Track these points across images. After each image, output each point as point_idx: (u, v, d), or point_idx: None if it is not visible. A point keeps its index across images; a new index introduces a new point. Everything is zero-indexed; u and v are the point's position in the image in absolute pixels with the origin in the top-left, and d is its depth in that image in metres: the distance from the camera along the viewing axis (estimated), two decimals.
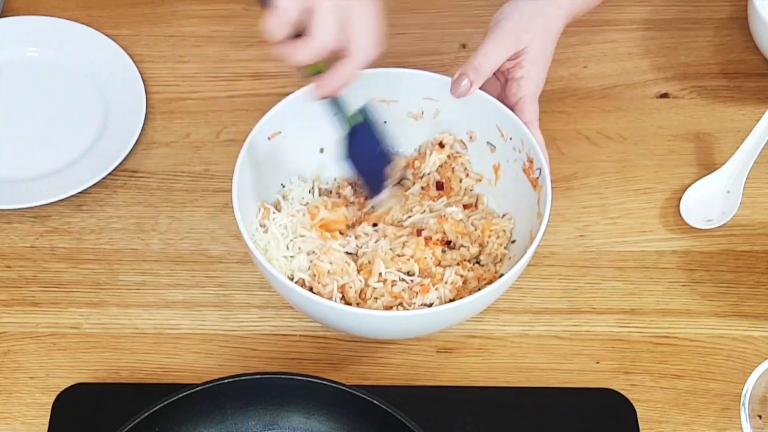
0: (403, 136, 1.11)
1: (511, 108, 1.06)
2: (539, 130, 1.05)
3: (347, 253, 1.04)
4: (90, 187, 1.13)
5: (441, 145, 1.10)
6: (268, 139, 1.05)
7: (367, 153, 1.04)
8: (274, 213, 1.05)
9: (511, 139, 1.06)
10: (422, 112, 1.10)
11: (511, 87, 1.06)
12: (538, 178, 1.03)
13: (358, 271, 1.03)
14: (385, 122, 1.07)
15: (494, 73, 1.06)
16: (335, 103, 1.01)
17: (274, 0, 0.93)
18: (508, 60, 1.05)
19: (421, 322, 0.97)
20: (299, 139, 1.08)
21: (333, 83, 0.98)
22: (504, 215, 1.08)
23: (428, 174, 1.10)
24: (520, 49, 1.05)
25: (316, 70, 0.98)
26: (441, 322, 1.00)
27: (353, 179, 1.10)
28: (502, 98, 1.08)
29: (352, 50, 0.96)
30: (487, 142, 1.09)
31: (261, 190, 1.06)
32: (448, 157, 1.10)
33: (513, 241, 1.06)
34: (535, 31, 1.05)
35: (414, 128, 1.11)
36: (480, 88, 1.05)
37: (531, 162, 1.04)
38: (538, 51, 1.06)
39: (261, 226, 1.04)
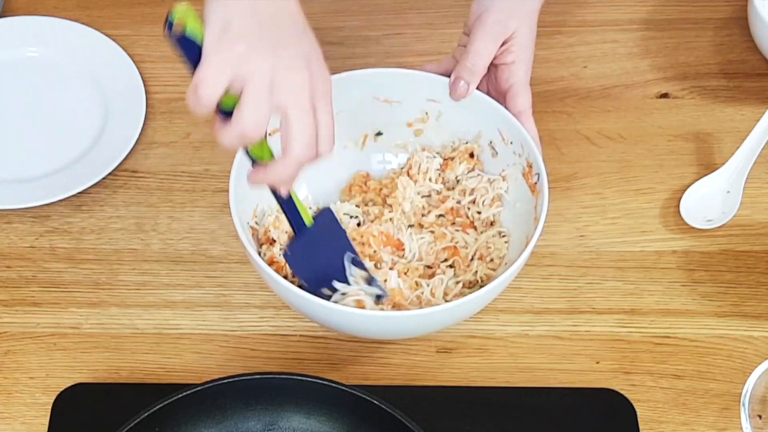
0: (406, 138, 1.12)
1: (503, 95, 1.06)
2: (532, 120, 1.05)
3: None
4: (90, 187, 1.13)
5: (471, 155, 1.09)
6: (269, 135, 1.05)
7: (313, 256, 1.01)
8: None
9: (511, 143, 1.06)
10: (427, 114, 1.10)
11: (503, 73, 1.06)
12: (536, 183, 1.03)
13: None
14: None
15: None
16: (279, 200, 0.97)
17: (198, 68, 0.84)
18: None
19: (420, 322, 0.97)
20: None
21: (264, 178, 0.92)
22: (503, 235, 1.07)
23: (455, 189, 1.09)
24: (508, 36, 1.05)
25: (255, 155, 0.92)
26: (440, 322, 1.00)
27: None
28: (492, 85, 1.08)
29: (284, 150, 0.88)
30: (490, 144, 1.09)
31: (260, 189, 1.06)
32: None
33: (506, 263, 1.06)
34: (520, 16, 1.05)
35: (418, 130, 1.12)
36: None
37: (530, 167, 1.04)
38: (526, 35, 1.06)
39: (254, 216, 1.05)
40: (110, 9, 1.29)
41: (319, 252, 1.01)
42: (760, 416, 0.97)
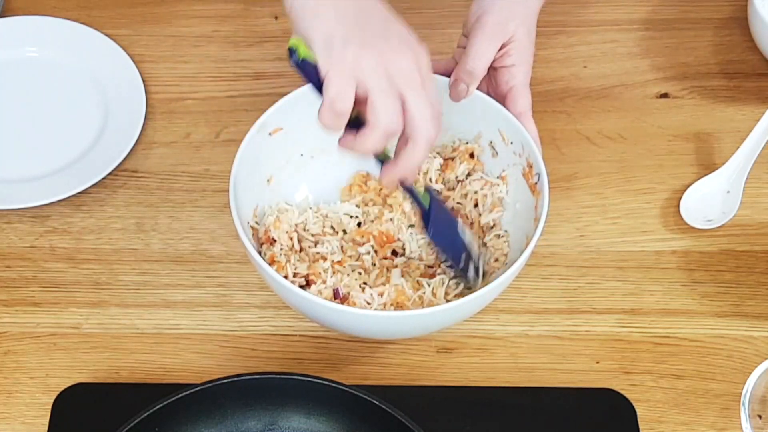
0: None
1: (503, 97, 1.06)
2: (533, 121, 1.05)
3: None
4: (90, 187, 1.13)
5: (471, 155, 1.09)
6: (269, 135, 1.05)
7: (445, 229, 1.03)
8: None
9: (512, 143, 1.06)
10: None
11: (503, 75, 1.06)
12: (536, 183, 1.02)
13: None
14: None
15: None
16: (406, 188, 0.99)
17: (325, 89, 0.89)
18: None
19: (420, 322, 0.97)
20: (301, 136, 1.08)
21: (399, 172, 0.94)
22: (501, 236, 1.07)
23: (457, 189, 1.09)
24: (507, 38, 1.05)
25: (383, 156, 0.95)
26: (441, 322, 1.00)
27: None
28: (492, 88, 1.08)
29: (412, 135, 0.91)
30: (491, 144, 1.09)
31: (260, 188, 1.06)
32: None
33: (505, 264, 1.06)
34: (519, 18, 1.05)
35: None
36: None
37: (530, 167, 1.04)
38: (525, 37, 1.06)
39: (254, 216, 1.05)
40: (110, 9, 1.29)
41: (446, 225, 1.03)
42: (760, 416, 0.97)
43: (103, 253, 1.11)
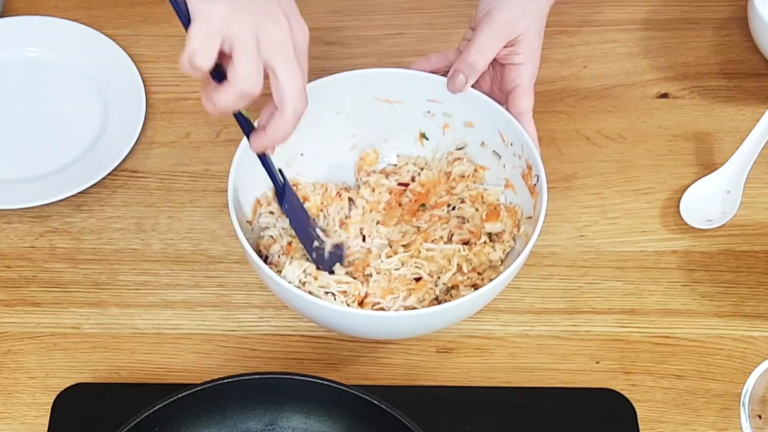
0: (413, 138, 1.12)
1: (507, 95, 1.06)
2: (533, 122, 1.05)
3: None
4: (90, 187, 1.13)
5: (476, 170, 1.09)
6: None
7: (298, 212, 1.04)
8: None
9: (512, 144, 1.06)
10: (429, 112, 1.10)
11: (510, 72, 1.06)
12: (535, 185, 1.02)
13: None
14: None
15: None
16: (264, 161, 0.99)
17: (188, 40, 0.87)
18: (503, 47, 1.05)
19: (420, 322, 0.97)
20: (301, 136, 1.07)
21: (267, 140, 0.94)
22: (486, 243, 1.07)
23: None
24: (515, 37, 1.05)
25: (243, 118, 0.95)
26: (440, 322, 1.00)
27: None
28: (497, 85, 1.08)
29: (280, 105, 0.91)
30: (493, 151, 1.08)
31: (260, 188, 1.06)
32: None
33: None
34: (530, 18, 1.05)
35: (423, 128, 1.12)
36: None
37: (530, 169, 1.04)
38: (534, 38, 1.06)
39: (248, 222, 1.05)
40: (110, 9, 1.29)
41: (299, 209, 1.04)
42: (760, 416, 0.97)
43: (103, 253, 1.11)
